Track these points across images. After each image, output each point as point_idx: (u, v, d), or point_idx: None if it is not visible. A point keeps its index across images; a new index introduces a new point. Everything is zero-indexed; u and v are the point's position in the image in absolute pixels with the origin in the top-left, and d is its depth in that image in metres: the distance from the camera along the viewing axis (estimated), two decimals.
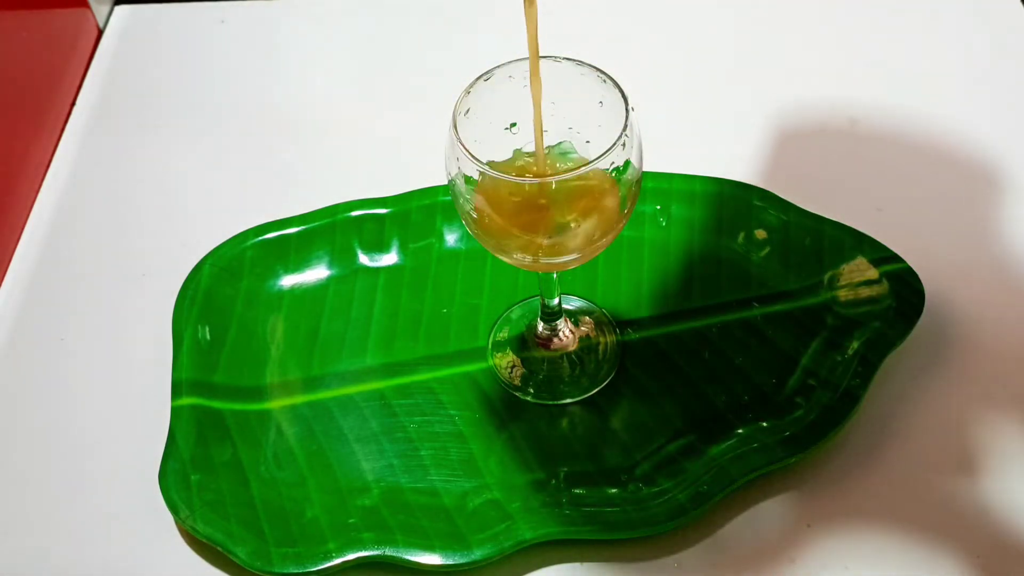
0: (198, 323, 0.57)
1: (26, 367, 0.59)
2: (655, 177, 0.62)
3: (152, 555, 0.51)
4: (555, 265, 0.52)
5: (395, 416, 0.55)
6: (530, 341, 0.58)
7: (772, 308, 0.58)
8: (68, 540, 0.52)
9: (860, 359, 0.54)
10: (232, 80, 0.74)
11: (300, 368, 0.57)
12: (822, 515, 0.51)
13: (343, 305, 0.59)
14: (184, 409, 0.54)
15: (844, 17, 0.76)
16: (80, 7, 0.75)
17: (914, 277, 0.57)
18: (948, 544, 0.50)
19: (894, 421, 0.54)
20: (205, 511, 0.50)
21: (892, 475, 0.52)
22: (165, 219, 0.65)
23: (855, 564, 0.49)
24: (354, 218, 0.61)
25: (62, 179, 0.68)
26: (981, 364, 0.56)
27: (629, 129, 0.45)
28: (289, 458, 0.53)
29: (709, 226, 0.61)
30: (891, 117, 0.68)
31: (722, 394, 0.55)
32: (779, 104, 0.70)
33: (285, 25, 0.78)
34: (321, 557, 0.49)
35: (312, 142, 0.70)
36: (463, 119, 0.47)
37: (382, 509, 0.51)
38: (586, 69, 0.47)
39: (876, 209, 0.63)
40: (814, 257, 0.59)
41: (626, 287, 0.59)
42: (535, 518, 0.50)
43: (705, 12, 0.77)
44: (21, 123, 0.67)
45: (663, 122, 0.66)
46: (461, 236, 0.61)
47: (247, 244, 0.60)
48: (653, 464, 0.52)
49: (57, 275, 0.63)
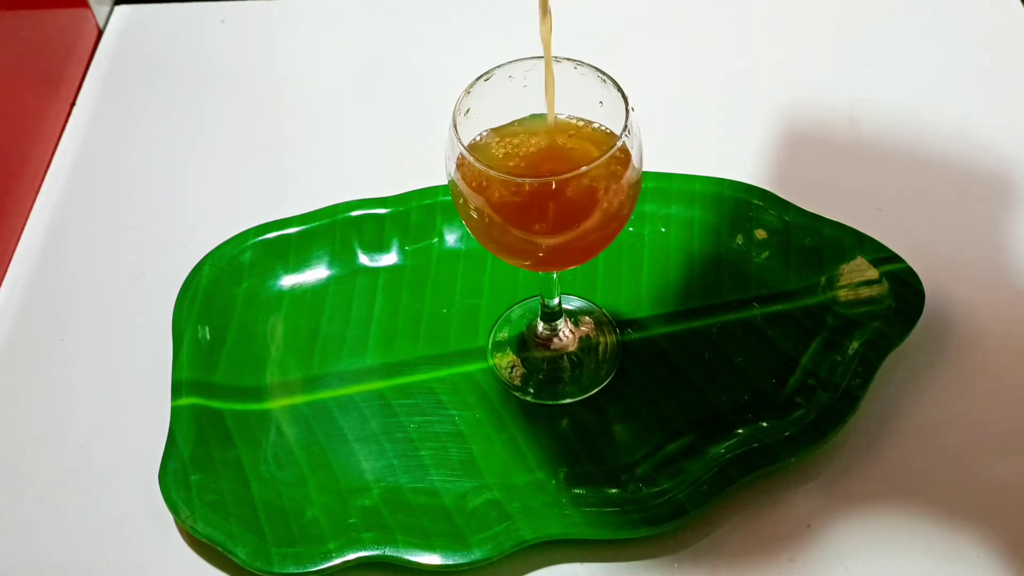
0: (198, 323, 0.57)
1: (26, 367, 0.59)
2: (655, 177, 0.62)
3: (152, 555, 0.51)
4: (555, 265, 0.52)
5: (395, 416, 0.55)
6: (530, 341, 0.58)
7: (772, 308, 0.58)
8: (68, 540, 0.52)
9: (860, 359, 0.54)
10: (232, 80, 0.74)
11: (300, 368, 0.57)
12: (822, 515, 0.51)
13: (343, 305, 0.59)
14: (184, 409, 0.54)
15: (844, 17, 0.76)
16: (80, 7, 0.75)
17: (914, 277, 0.57)
18: (948, 544, 0.50)
19: (894, 421, 0.54)
20: (205, 511, 0.50)
21: (892, 475, 0.52)
22: (165, 219, 0.65)
23: (855, 564, 0.49)
24: (354, 218, 0.61)
25: (62, 179, 0.68)
26: (981, 364, 0.56)
27: (629, 129, 0.45)
28: (289, 458, 0.53)
29: (709, 226, 0.61)
30: (891, 117, 0.68)
31: (722, 394, 0.55)
32: (779, 104, 0.70)
33: (285, 25, 0.78)
34: (321, 557, 0.49)
35: (312, 142, 0.70)
36: (463, 119, 0.47)
37: (382, 509, 0.51)
38: (586, 69, 0.47)
39: (876, 209, 0.63)
40: (814, 257, 0.59)
41: (626, 287, 0.59)
42: (535, 518, 0.50)
43: (705, 12, 0.77)
44: (21, 123, 0.67)
45: (663, 122, 0.66)
46: (461, 236, 0.61)
47: (247, 244, 0.60)
48: (653, 464, 0.52)
49: (57, 275, 0.63)
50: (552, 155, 0.49)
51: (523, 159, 0.48)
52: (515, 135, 0.49)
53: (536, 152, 0.48)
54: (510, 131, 0.49)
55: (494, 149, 0.49)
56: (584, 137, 0.49)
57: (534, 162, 0.48)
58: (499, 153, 0.48)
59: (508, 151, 0.48)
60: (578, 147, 0.49)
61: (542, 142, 0.49)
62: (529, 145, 0.49)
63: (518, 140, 0.49)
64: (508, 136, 0.49)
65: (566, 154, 0.49)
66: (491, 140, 0.49)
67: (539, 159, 0.48)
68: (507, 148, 0.49)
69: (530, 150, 0.48)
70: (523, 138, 0.49)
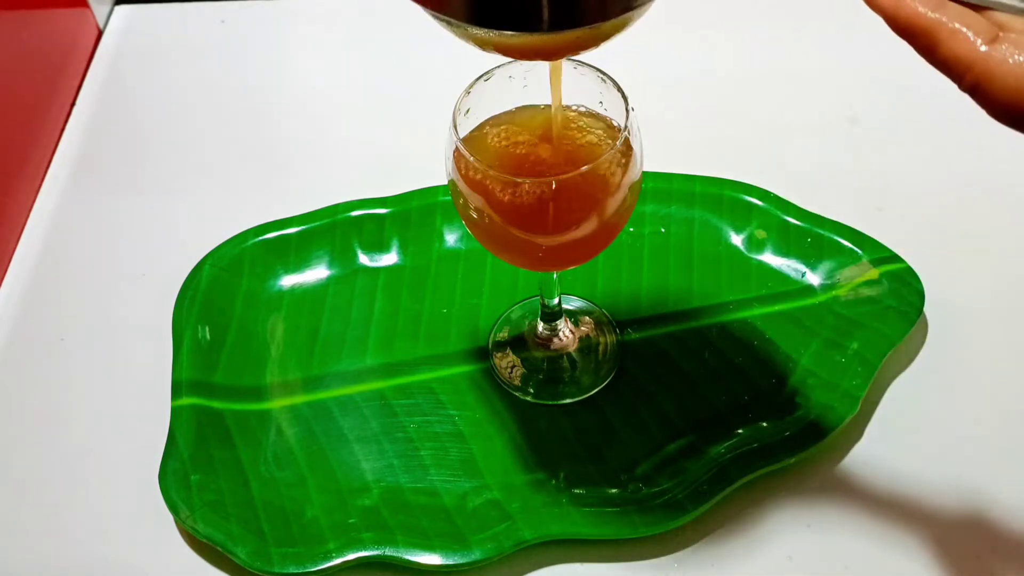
0: (198, 323, 0.57)
1: (26, 367, 0.59)
2: (655, 177, 0.62)
3: (152, 555, 0.51)
4: (555, 265, 0.52)
5: (395, 416, 0.55)
6: (530, 341, 0.58)
7: (772, 308, 0.58)
8: (68, 540, 0.52)
9: (860, 359, 0.54)
10: (232, 80, 0.74)
11: (300, 368, 0.57)
12: (822, 515, 0.51)
13: (343, 305, 0.59)
14: (184, 409, 0.54)
15: (844, 17, 0.75)
16: (80, 7, 0.75)
17: (914, 277, 0.57)
18: (948, 544, 0.50)
19: (894, 421, 0.54)
20: (205, 511, 0.50)
21: (892, 475, 0.52)
22: (165, 219, 0.65)
23: (855, 564, 0.49)
24: (354, 218, 0.61)
25: (62, 179, 0.68)
26: (981, 364, 0.56)
27: (629, 129, 0.45)
28: (289, 458, 0.53)
29: (709, 226, 0.61)
30: (891, 117, 0.68)
31: (722, 394, 0.55)
32: (779, 104, 0.70)
33: (285, 25, 0.78)
34: (321, 557, 0.49)
35: (312, 142, 0.70)
36: (463, 119, 0.47)
37: (382, 509, 0.51)
38: (586, 69, 0.47)
39: (876, 209, 0.63)
40: (814, 257, 0.59)
41: (626, 287, 0.59)
42: (535, 518, 0.50)
43: (705, 12, 0.77)
44: (21, 123, 0.67)
45: (663, 122, 0.66)
46: (461, 236, 0.61)
47: (247, 244, 0.60)
48: (653, 464, 0.52)
49: (57, 275, 0.63)
50: (553, 151, 0.49)
51: (522, 155, 0.48)
52: (514, 129, 0.49)
53: (537, 148, 0.48)
54: (508, 124, 0.49)
55: (491, 140, 0.49)
56: (585, 129, 0.49)
57: (534, 160, 0.48)
58: (495, 144, 0.48)
59: (506, 145, 0.48)
60: (581, 140, 0.49)
61: (543, 136, 0.48)
62: (529, 140, 0.48)
63: (517, 134, 0.49)
64: (504, 127, 0.49)
65: (567, 150, 0.48)
66: (488, 132, 0.49)
67: (539, 156, 0.48)
68: (505, 142, 0.49)
69: (530, 146, 0.48)
70: (522, 132, 0.49)
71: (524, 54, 0.41)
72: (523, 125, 0.49)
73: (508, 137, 0.49)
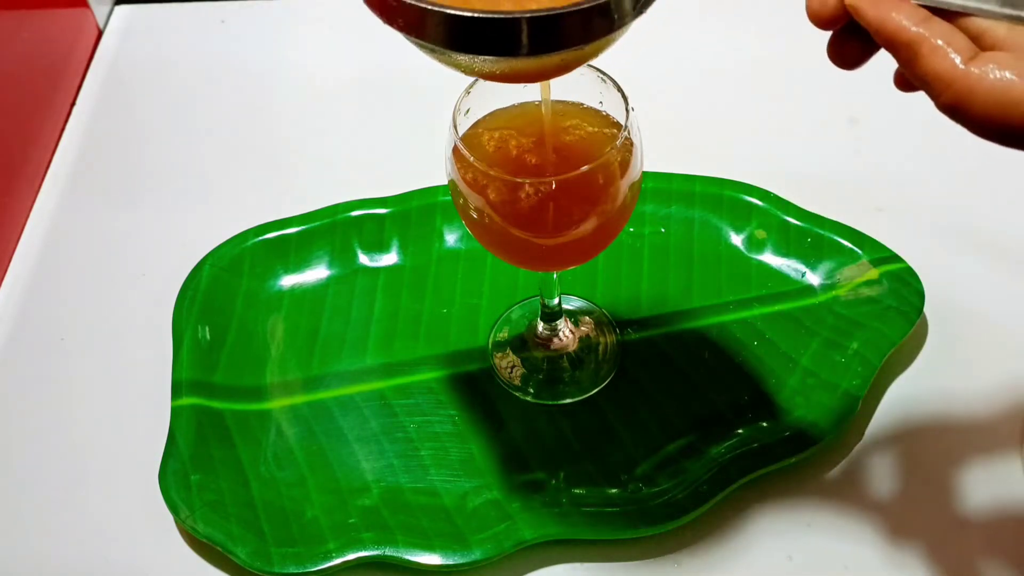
0: (198, 323, 0.57)
1: (26, 367, 0.59)
2: (655, 177, 0.62)
3: (152, 555, 0.51)
4: (555, 265, 0.52)
5: (395, 416, 0.55)
6: (530, 341, 0.58)
7: (772, 308, 0.58)
8: (68, 540, 0.52)
9: (860, 359, 0.54)
10: (232, 80, 0.74)
11: (300, 368, 0.57)
12: (822, 515, 0.51)
13: (343, 305, 0.59)
14: (184, 409, 0.54)
15: None
16: (80, 7, 0.75)
17: (914, 277, 0.57)
18: (948, 544, 0.50)
19: (894, 421, 0.54)
20: (205, 511, 0.50)
21: (891, 475, 0.52)
22: (165, 219, 0.65)
23: (855, 564, 0.49)
24: (354, 218, 0.61)
25: (62, 179, 0.68)
26: (981, 364, 0.56)
27: (629, 129, 0.45)
28: (289, 458, 0.53)
29: (709, 226, 0.61)
30: (891, 117, 0.68)
31: (722, 394, 0.55)
32: (779, 104, 0.70)
33: (285, 25, 0.78)
34: (321, 557, 0.49)
35: (312, 142, 0.70)
36: (463, 119, 0.47)
37: (382, 509, 0.51)
38: (586, 69, 0.47)
39: (876, 209, 0.63)
40: (814, 257, 0.59)
41: (626, 287, 0.59)
42: (535, 518, 0.50)
43: (705, 12, 0.77)
44: (21, 123, 0.67)
45: (663, 122, 0.66)
46: (461, 236, 0.61)
47: (247, 244, 0.60)
48: (653, 464, 0.52)
49: (57, 275, 0.63)
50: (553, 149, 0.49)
51: (522, 155, 0.48)
52: (514, 129, 0.49)
53: (537, 148, 0.48)
54: (508, 125, 0.49)
55: (491, 140, 0.48)
56: (586, 124, 0.49)
57: (534, 160, 0.48)
58: (496, 144, 0.48)
59: (507, 145, 0.48)
60: (580, 140, 0.49)
61: (543, 137, 0.48)
62: (529, 140, 0.48)
63: (517, 134, 0.49)
64: (504, 127, 0.49)
65: (567, 150, 0.48)
66: (488, 132, 0.49)
67: (539, 156, 0.48)
68: (505, 142, 0.48)
69: (529, 146, 0.48)
70: (522, 132, 0.49)
71: (509, 79, 0.41)
72: (523, 125, 0.49)
73: (508, 137, 0.49)
